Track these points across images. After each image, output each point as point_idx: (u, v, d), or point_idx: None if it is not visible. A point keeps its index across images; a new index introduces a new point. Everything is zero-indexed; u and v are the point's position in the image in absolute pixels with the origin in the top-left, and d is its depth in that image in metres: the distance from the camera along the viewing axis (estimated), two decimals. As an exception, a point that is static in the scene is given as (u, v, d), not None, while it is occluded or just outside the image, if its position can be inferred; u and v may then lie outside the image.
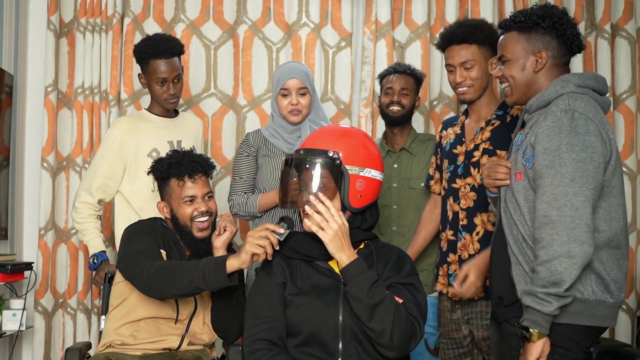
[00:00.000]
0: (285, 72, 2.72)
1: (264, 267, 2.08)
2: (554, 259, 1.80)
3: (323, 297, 1.99)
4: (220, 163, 3.54)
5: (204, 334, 2.40)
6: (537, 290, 1.83)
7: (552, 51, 2.00)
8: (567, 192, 1.82)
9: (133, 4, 3.51)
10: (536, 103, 2.00)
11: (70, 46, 3.53)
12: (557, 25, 1.99)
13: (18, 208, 3.51)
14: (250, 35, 3.56)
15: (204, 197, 2.39)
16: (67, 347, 2.50)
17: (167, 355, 2.32)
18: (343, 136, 2.09)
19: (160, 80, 2.80)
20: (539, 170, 1.87)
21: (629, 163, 3.62)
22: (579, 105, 1.89)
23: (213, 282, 2.06)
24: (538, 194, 1.87)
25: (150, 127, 2.87)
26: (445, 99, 3.54)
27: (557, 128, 1.86)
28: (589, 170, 1.84)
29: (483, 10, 3.58)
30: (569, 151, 1.83)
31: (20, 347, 3.47)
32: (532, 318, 1.85)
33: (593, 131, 1.87)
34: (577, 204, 1.81)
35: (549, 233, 1.82)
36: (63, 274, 3.46)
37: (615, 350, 2.89)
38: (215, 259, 2.10)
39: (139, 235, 2.32)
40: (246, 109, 3.55)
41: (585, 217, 1.81)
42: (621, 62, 3.64)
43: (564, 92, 1.95)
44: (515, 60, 2.04)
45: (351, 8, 3.59)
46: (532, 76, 2.02)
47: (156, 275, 2.13)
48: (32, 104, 3.57)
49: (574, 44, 2.02)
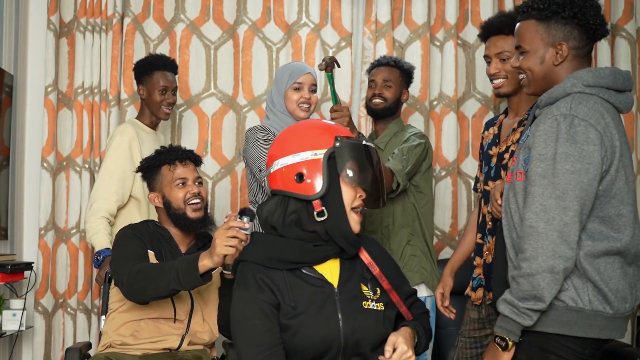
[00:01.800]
0: (298, 68, 2.74)
1: (243, 283, 1.87)
2: (537, 274, 1.74)
3: (321, 314, 1.83)
4: (220, 163, 3.54)
5: (205, 332, 2.41)
6: (517, 303, 1.77)
7: (573, 42, 1.87)
8: (558, 206, 1.74)
9: (133, 4, 3.51)
10: (545, 99, 1.90)
11: (70, 46, 3.53)
12: (579, 14, 1.85)
13: (18, 208, 3.51)
14: (250, 35, 3.56)
15: (195, 181, 2.46)
16: (67, 347, 2.51)
17: (168, 355, 2.33)
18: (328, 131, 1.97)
19: (163, 88, 3.04)
20: (531, 177, 1.79)
21: (629, 163, 3.62)
22: (581, 109, 1.78)
23: (188, 283, 2.09)
24: (527, 202, 1.79)
25: (145, 136, 3.06)
26: (445, 99, 3.54)
27: (554, 134, 1.76)
28: (583, 183, 1.75)
29: (483, 10, 3.58)
30: (564, 161, 1.74)
31: (20, 347, 3.47)
32: (508, 327, 1.80)
33: (593, 139, 1.76)
34: (567, 219, 1.73)
35: (533, 245, 1.75)
36: (63, 274, 3.46)
37: (615, 350, 2.88)
38: (189, 260, 2.10)
39: (125, 239, 2.36)
40: (246, 109, 3.55)
41: (573, 233, 1.74)
42: (621, 62, 3.64)
43: (571, 91, 1.84)
44: (534, 52, 1.91)
45: (351, 8, 3.59)
46: (551, 69, 1.90)
47: (135, 280, 2.17)
48: (32, 104, 3.57)
49: (597, 32, 1.88)
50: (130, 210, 2.98)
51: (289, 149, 1.90)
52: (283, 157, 1.90)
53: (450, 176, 3.52)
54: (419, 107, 3.55)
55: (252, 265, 1.88)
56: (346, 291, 1.88)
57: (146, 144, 3.00)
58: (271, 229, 1.93)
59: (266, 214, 1.93)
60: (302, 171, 1.86)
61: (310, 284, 1.87)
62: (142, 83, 3.08)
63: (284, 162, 1.89)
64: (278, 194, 1.92)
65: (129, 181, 2.94)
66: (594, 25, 1.87)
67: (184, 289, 2.16)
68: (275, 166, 1.91)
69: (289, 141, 1.93)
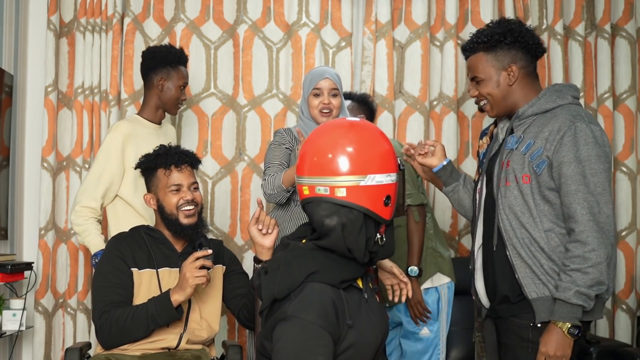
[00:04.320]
0: (317, 74, 2.75)
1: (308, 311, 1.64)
2: (603, 262, 1.96)
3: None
4: (220, 163, 3.54)
5: (203, 329, 2.41)
6: (588, 291, 1.96)
7: (521, 63, 2.13)
8: (600, 201, 1.99)
9: (133, 4, 3.51)
10: (531, 110, 2.11)
11: (70, 46, 3.53)
12: (519, 38, 2.11)
13: (18, 208, 3.51)
14: (251, 35, 3.56)
15: (190, 187, 2.46)
16: (67, 347, 2.50)
17: (167, 355, 2.33)
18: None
19: (183, 85, 2.95)
20: (573, 177, 2.00)
21: (629, 163, 3.62)
22: (588, 116, 2.06)
23: (165, 320, 2.29)
24: (575, 199, 1.99)
25: (146, 132, 2.93)
26: (445, 99, 3.54)
27: (583, 139, 2.00)
28: (609, 180, 2.03)
29: (483, 10, 3.58)
30: (598, 162, 2.00)
31: (20, 347, 3.47)
32: (578, 315, 1.98)
33: (607, 142, 2.05)
34: (608, 211, 2.00)
35: (596, 238, 1.97)
36: (63, 274, 3.46)
37: (615, 350, 2.88)
38: (160, 300, 2.27)
39: (106, 264, 2.41)
40: (246, 109, 3.55)
41: (612, 220, 2.01)
42: (621, 62, 3.64)
43: (563, 103, 2.09)
44: (489, 79, 2.15)
45: (351, 8, 3.59)
46: (507, 89, 2.14)
47: (111, 333, 2.30)
48: (32, 104, 3.57)
49: (537, 50, 2.15)
50: (118, 211, 2.90)
51: (383, 166, 1.74)
52: (379, 174, 1.72)
53: (450, 176, 3.52)
54: (419, 107, 3.55)
55: (324, 287, 1.69)
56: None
57: (146, 141, 2.88)
58: (343, 245, 1.73)
59: (347, 230, 1.72)
60: (390, 194, 1.74)
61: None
62: (162, 74, 2.91)
63: (379, 180, 1.72)
64: (357, 210, 1.71)
65: (117, 183, 2.86)
66: (534, 45, 2.13)
67: (161, 326, 2.32)
68: (367, 181, 1.72)
69: (381, 154, 1.74)
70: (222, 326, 3.26)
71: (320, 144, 1.76)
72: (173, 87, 2.93)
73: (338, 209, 1.71)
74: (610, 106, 3.61)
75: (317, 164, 1.73)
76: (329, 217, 1.72)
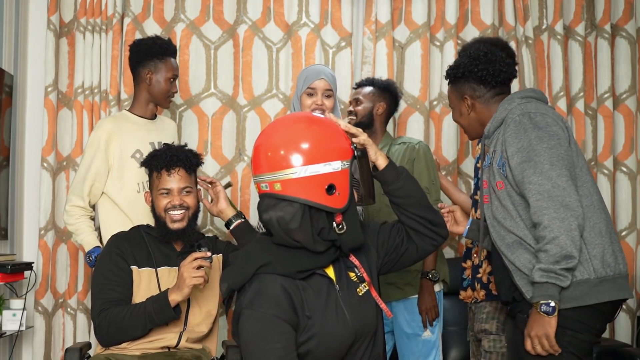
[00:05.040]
0: (313, 73, 2.74)
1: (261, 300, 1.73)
2: (560, 235, 1.94)
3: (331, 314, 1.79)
4: (220, 163, 3.54)
5: (202, 324, 2.42)
6: (552, 267, 1.95)
7: (473, 93, 2.26)
8: (551, 176, 1.99)
9: (133, 4, 3.51)
10: (492, 127, 2.21)
11: (70, 46, 3.53)
12: (466, 72, 2.25)
13: (18, 208, 3.51)
14: (250, 35, 3.56)
15: (181, 192, 2.45)
16: (67, 347, 2.50)
17: (166, 354, 2.33)
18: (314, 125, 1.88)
19: (173, 77, 2.87)
20: (518, 167, 2.05)
21: (629, 163, 3.62)
22: (530, 107, 2.11)
23: (162, 320, 2.30)
24: (525, 186, 2.03)
25: (133, 128, 2.86)
26: (445, 99, 3.53)
27: (522, 129, 2.06)
28: (562, 154, 2.03)
29: (483, 10, 3.58)
30: (540, 142, 2.03)
31: (20, 347, 3.47)
32: (549, 293, 1.97)
33: (551, 122, 2.07)
34: (562, 183, 1.98)
35: (546, 214, 1.97)
36: (63, 274, 3.45)
37: (615, 350, 2.89)
38: (158, 299, 2.28)
39: (106, 262, 2.42)
40: (246, 109, 3.55)
41: (572, 192, 1.98)
42: (621, 62, 3.64)
43: (511, 106, 2.16)
44: (455, 108, 2.34)
45: (351, 8, 3.59)
46: (468, 118, 2.30)
47: (109, 331, 2.30)
48: (32, 104, 3.57)
49: (497, 78, 2.24)
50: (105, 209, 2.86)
51: (317, 156, 1.76)
52: (313, 165, 1.75)
53: (450, 176, 3.52)
54: (419, 107, 3.55)
55: (274, 277, 1.76)
56: (343, 283, 1.86)
57: (133, 136, 2.82)
58: (286, 237, 1.78)
59: (284, 222, 1.76)
60: (333, 182, 1.76)
61: (314, 283, 1.81)
62: (150, 67, 2.83)
63: (314, 170, 1.75)
64: (297, 202, 1.76)
65: (101, 181, 2.80)
66: (487, 75, 2.23)
67: (159, 326, 2.33)
68: (300, 173, 1.75)
69: (314, 144, 1.77)
70: (222, 326, 3.26)
71: (258, 144, 1.85)
72: (162, 80, 2.84)
73: (277, 203, 1.78)
74: (610, 106, 3.61)
75: (256, 162, 1.82)
76: (265, 212, 1.80)
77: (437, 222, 1.98)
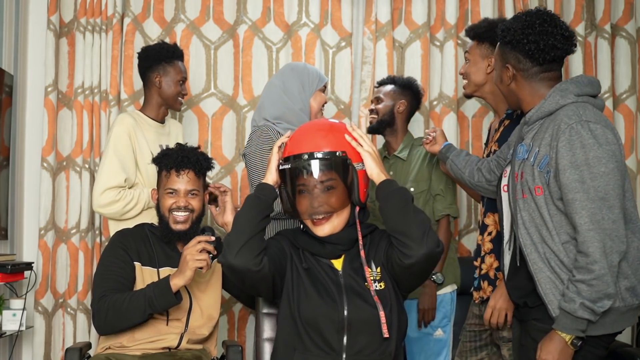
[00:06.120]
0: (322, 74, 2.81)
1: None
2: (607, 274, 1.86)
3: (325, 293, 2.00)
4: (220, 163, 3.54)
5: (204, 327, 2.42)
6: (594, 306, 1.88)
7: (517, 64, 2.09)
8: (604, 206, 1.87)
9: (133, 4, 3.51)
10: (536, 115, 2.04)
11: (70, 46, 3.53)
12: (514, 41, 2.07)
13: (18, 208, 3.51)
14: (250, 35, 3.56)
15: (187, 194, 2.45)
16: (67, 347, 2.50)
17: (167, 355, 2.33)
18: (331, 132, 2.09)
19: (182, 80, 2.93)
20: (569, 185, 1.90)
21: (629, 163, 3.62)
22: (589, 115, 1.93)
23: (163, 305, 2.25)
24: (574, 208, 1.90)
25: (147, 128, 2.93)
26: (445, 99, 3.54)
27: (579, 141, 1.89)
28: (618, 181, 1.90)
29: (483, 10, 3.58)
30: (598, 164, 1.88)
31: (20, 347, 3.47)
32: (582, 328, 1.91)
33: (612, 139, 1.92)
34: (614, 216, 1.87)
35: (598, 247, 1.86)
36: (63, 274, 3.45)
37: (615, 350, 2.88)
38: (159, 283, 2.25)
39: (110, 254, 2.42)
40: (246, 109, 3.55)
41: (622, 228, 1.88)
42: (621, 62, 3.64)
43: (565, 103, 1.98)
44: (496, 71, 2.20)
45: (351, 8, 3.59)
46: (509, 87, 2.15)
47: (107, 316, 2.26)
48: (32, 104, 3.57)
49: (546, 55, 2.05)
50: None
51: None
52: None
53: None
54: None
55: (287, 237, 2.13)
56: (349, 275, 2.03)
57: (147, 137, 2.88)
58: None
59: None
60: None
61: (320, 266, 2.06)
62: (159, 71, 2.91)
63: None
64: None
65: (132, 171, 2.82)
66: (536, 49, 2.04)
67: (159, 312, 2.28)
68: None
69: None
70: (222, 326, 3.27)
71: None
72: (172, 83, 2.92)
73: None
74: (610, 106, 3.61)
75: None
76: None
77: (403, 250, 1.95)
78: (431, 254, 1.93)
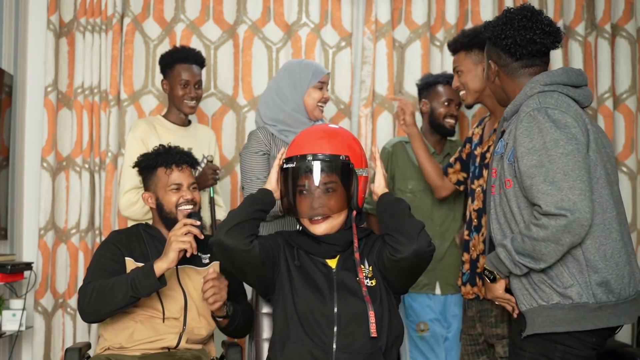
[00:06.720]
0: (320, 67, 2.72)
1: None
2: (543, 241, 1.82)
3: (316, 288, 2.04)
4: (220, 163, 3.53)
5: (202, 327, 2.41)
6: (515, 255, 1.89)
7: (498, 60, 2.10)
8: (562, 187, 1.81)
9: (133, 4, 3.51)
10: (510, 110, 2.03)
11: (70, 46, 3.53)
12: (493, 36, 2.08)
13: (18, 208, 3.51)
14: (250, 35, 3.56)
15: (189, 187, 2.47)
16: (67, 347, 2.50)
17: (166, 355, 2.33)
18: (333, 137, 2.12)
19: (184, 82, 2.95)
20: (528, 171, 1.86)
21: (629, 163, 3.62)
22: (549, 101, 1.90)
23: (145, 288, 2.21)
24: (533, 193, 1.85)
25: (165, 132, 2.96)
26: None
27: (536, 127, 1.87)
28: (578, 162, 1.83)
29: (483, 10, 3.58)
30: (555, 147, 1.83)
31: (20, 347, 3.47)
32: (499, 267, 1.96)
33: (571, 122, 1.87)
34: (574, 197, 1.80)
35: (548, 221, 1.82)
36: (63, 274, 3.45)
37: (615, 350, 2.88)
38: (143, 267, 2.24)
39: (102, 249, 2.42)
40: (246, 109, 3.55)
41: (584, 209, 1.80)
42: (621, 62, 3.64)
43: (531, 93, 1.97)
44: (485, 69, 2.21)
45: (351, 8, 3.59)
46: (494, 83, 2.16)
47: (91, 299, 2.25)
48: (32, 104, 3.57)
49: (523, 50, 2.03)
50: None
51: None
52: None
53: (450, 176, 3.52)
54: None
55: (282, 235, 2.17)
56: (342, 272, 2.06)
57: (164, 141, 2.78)
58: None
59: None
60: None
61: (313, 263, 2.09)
62: (165, 77, 3.02)
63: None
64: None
65: None
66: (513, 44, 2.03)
67: (143, 296, 2.24)
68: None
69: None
70: (222, 326, 3.26)
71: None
72: (174, 86, 2.97)
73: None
74: (610, 106, 3.61)
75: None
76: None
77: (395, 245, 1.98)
78: (421, 250, 1.95)
